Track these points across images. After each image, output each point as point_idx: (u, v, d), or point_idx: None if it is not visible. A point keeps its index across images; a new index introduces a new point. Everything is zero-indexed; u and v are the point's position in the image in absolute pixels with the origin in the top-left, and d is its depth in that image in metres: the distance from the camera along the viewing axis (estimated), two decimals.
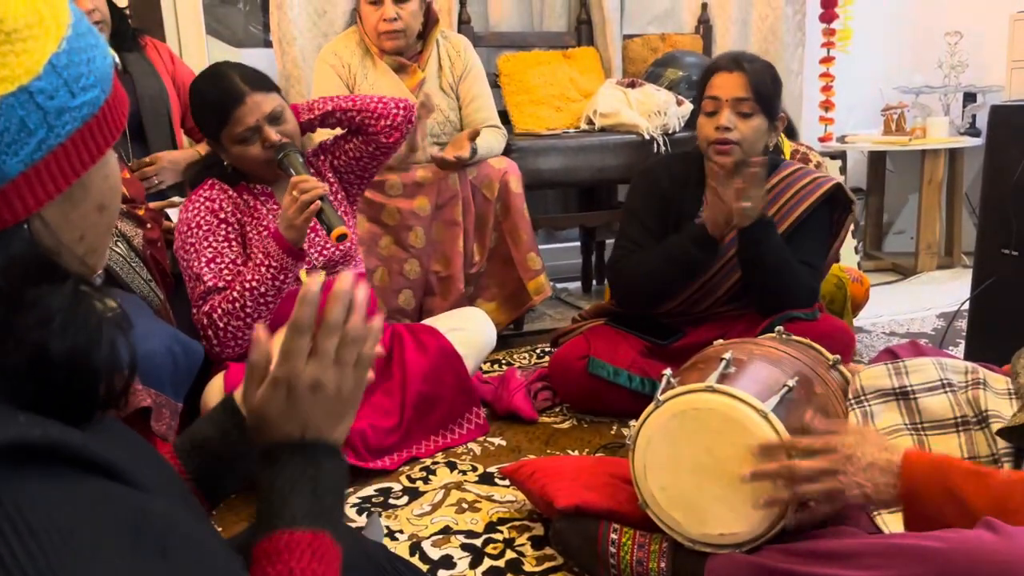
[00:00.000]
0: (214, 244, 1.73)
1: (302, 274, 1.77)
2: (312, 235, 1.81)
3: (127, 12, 2.25)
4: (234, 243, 1.76)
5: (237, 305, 1.67)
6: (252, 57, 3.01)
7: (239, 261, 1.74)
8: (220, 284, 1.70)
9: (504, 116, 2.78)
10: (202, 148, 2.18)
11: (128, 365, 0.58)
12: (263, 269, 1.67)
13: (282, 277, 1.68)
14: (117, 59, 2.07)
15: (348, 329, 0.70)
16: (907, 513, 1.04)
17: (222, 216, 1.76)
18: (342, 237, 1.64)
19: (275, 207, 1.82)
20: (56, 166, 0.55)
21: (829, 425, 1.13)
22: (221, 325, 1.68)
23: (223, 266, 1.72)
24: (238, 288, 1.68)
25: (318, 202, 1.64)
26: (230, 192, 1.79)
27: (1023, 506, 0.98)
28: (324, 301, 0.69)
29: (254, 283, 1.67)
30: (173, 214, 1.98)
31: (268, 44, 3.00)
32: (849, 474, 1.05)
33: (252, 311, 1.68)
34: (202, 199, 1.76)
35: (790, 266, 1.88)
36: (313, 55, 2.81)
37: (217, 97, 1.72)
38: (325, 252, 1.85)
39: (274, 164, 1.74)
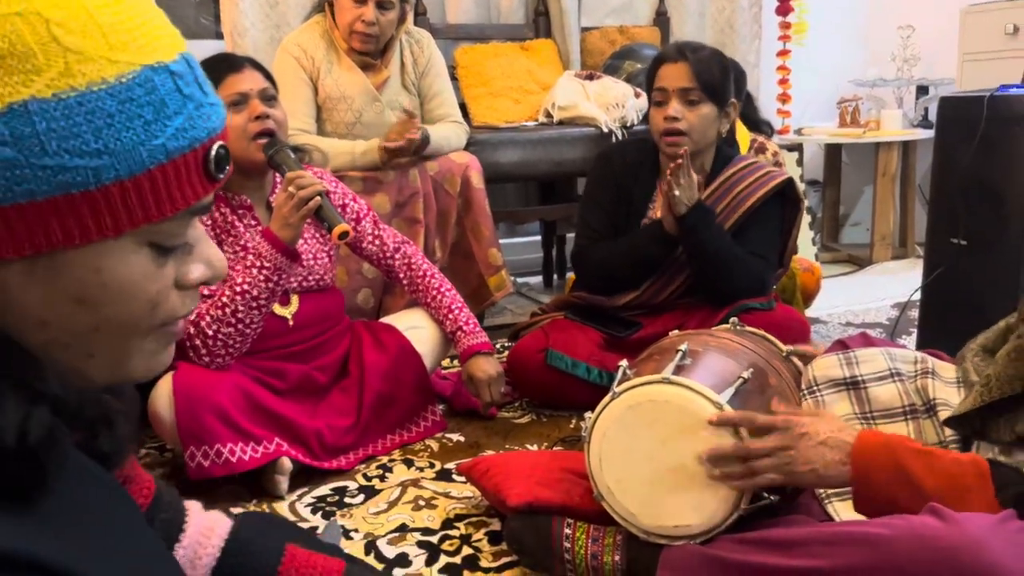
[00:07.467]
0: None
1: (276, 307, 1.72)
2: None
3: None
4: None
5: (228, 311, 1.60)
6: (203, 49, 2.93)
7: None
8: (205, 292, 1.62)
9: (462, 109, 2.75)
10: None
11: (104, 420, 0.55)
12: (255, 271, 1.61)
13: (276, 279, 1.62)
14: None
15: None
16: (857, 495, 1.05)
17: None
18: (344, 235, 1.58)
19: (254, 223, 1.76)
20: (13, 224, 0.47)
21: (790, 409, 1.15)
22: (210, 333, 1.60)
23: None
24: (227, 292, 1.61)
25: (318, 199, 1.58)
26: None
27: (975, 484, 0.98)
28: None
29: (245, 286, 1.61)
30: None
31: (219, 36, 2.94)
32: (801, 450, 1.06)
33: (244, 316, 1.61)
34: None
35: (733, 254, 1.91)
36: (266, 47, 2.76)
37: (214, 62, 1.70)
38: (304, 284, 1.80)
39: (253, 148, 1.68)
